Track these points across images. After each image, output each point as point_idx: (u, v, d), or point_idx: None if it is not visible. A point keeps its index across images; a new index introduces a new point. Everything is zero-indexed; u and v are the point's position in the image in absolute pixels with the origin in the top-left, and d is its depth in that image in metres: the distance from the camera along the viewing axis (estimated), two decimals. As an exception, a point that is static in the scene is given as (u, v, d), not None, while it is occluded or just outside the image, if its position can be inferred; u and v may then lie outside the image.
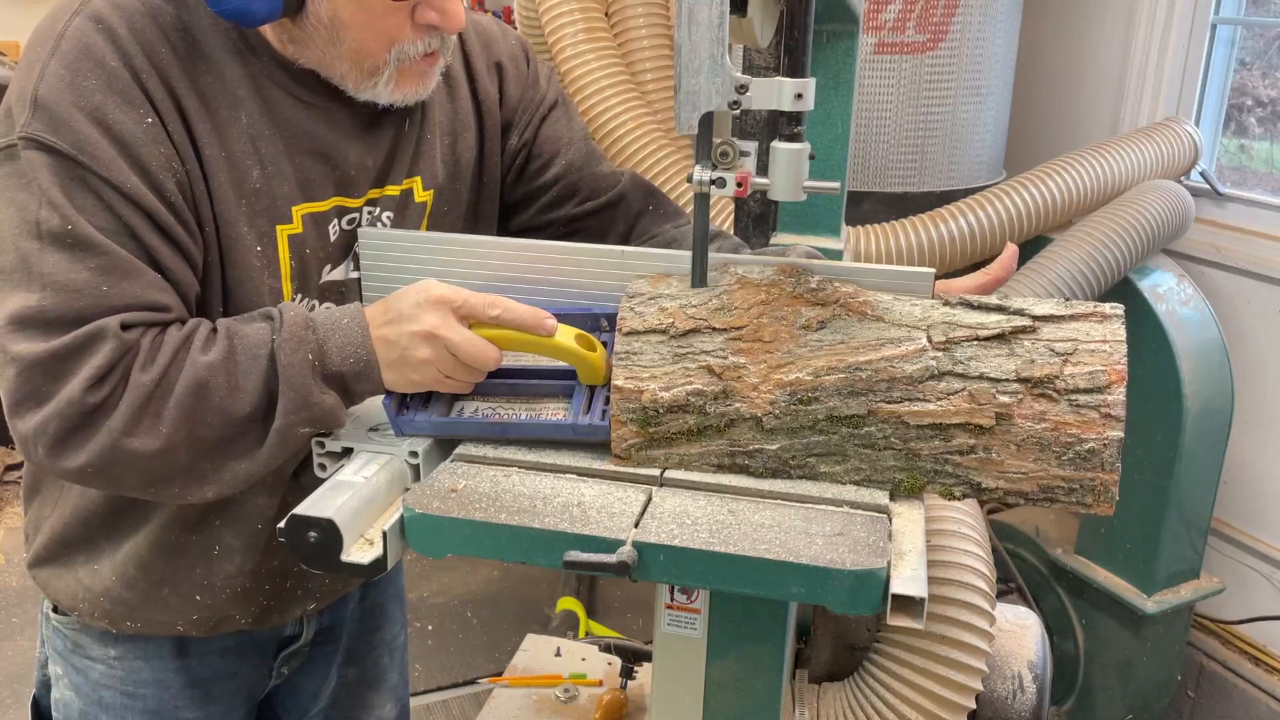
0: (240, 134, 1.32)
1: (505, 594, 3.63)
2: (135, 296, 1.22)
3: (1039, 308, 1.20)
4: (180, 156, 1.27)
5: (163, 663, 1.57)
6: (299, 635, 1.70)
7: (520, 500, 1.19)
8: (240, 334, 1.25)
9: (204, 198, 1.30)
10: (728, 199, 2.35)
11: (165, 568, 1.47)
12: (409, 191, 1.50)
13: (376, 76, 1.34)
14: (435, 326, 1.22)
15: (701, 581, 1.14)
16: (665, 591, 1.37)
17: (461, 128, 1.54)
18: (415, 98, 1.39)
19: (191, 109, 1.28)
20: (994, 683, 1.57)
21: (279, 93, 1.35)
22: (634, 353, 1.23)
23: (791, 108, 1.11)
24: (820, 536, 1.12)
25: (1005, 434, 1.16)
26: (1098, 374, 1.14)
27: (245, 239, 1.34)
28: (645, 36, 2.91)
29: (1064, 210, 2.83)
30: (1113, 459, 1.14)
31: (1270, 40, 3.11)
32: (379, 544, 1.16)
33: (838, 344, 1.20)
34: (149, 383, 1.19)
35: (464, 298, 1.24)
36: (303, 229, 1.39)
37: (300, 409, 1.23)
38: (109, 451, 1.19)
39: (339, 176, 1.41)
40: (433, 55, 1.36)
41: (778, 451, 1.21)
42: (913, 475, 1.20)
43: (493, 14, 5.13)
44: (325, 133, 1.39)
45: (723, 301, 1.24)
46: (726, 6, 1.07)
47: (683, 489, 1.23)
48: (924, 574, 1.08)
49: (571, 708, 1.96)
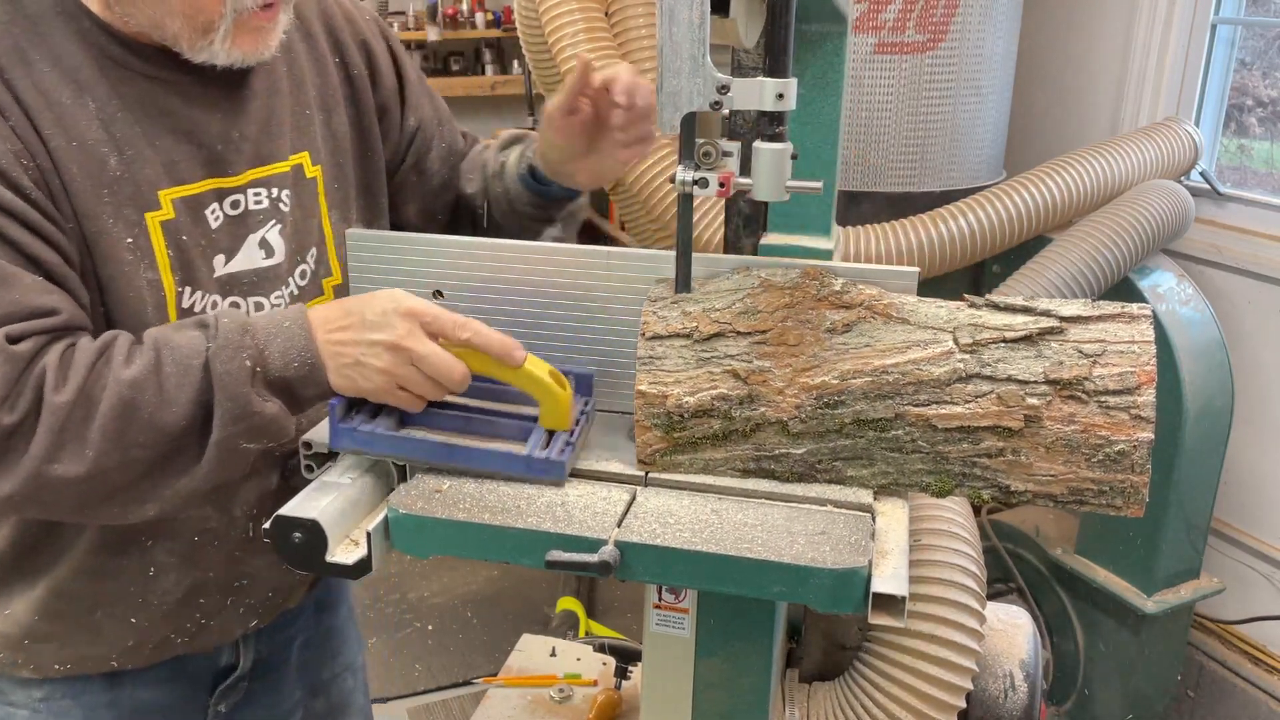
0: (90, 121, 1.25)
1: (505, 594, 3.63)
2: (15, 304, 1.15)
3: (1066, 309, 1.18)
4: (30, 152, 1.20)
5: (93, 697, 1.48)
6: (236, 665, 1.60)
7: (504, 500, 1.19)
8: (170, 344, 1.18)
9: (60, 192, 1.23)
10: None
11: (97, 592, 1.40)
12: (299, 168, 1.43)
13: (212, 33, 1.26)
14: (402, 337, 1.17)
15: (684, 581, 1.14)
16: (654, 591, 1.37)
17: (334, 103, 1.49)
18: (256, 57, 1.32)
19: (31, 103, 1.22)
20: (985, 682, 1.57)
21: (126, 72, 1.28)
22: (657, 357, 1.23)
23: (773, 108, 1.11)
24: (803, 535, 1.12)
25: (1034, 436, 1.15)
26: (1127, 375, 1.13)
27: (112, 231, 1.26)
28: (645, 36, 2.91)
29: (1064, 210, 2.83)
30: (1143, 460, 1.13)
31: (1270, 40, 3.11)
32: (363, 544, 1.16)
33: (864, 347, 1.19)
34: (65, 404, 1.13)
35: (435, 313, 1.19)
36: (175, 215, 1.31)
37: (239, 419, 1.17)
38: (34, 479, 1.13)
39: (207, 155, 1.34)
40: (270, 8, 1.29)
41: (804, 456, 1.21)
42: (941, 478, 1.20)
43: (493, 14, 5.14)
44: (181, 108, 1.32)
45: (747, 305, 1.23)
46: (707, 7, 1.07)
47: (667, 489, 1.24)
48: (905, 572, 1.08)
49: (566, 708, 1.96)
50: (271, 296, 1.41)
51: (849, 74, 1.47)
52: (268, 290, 1.40)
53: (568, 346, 1.40)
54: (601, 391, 1.40)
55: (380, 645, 3.36)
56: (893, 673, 1.49)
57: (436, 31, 4.93)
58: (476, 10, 5.05)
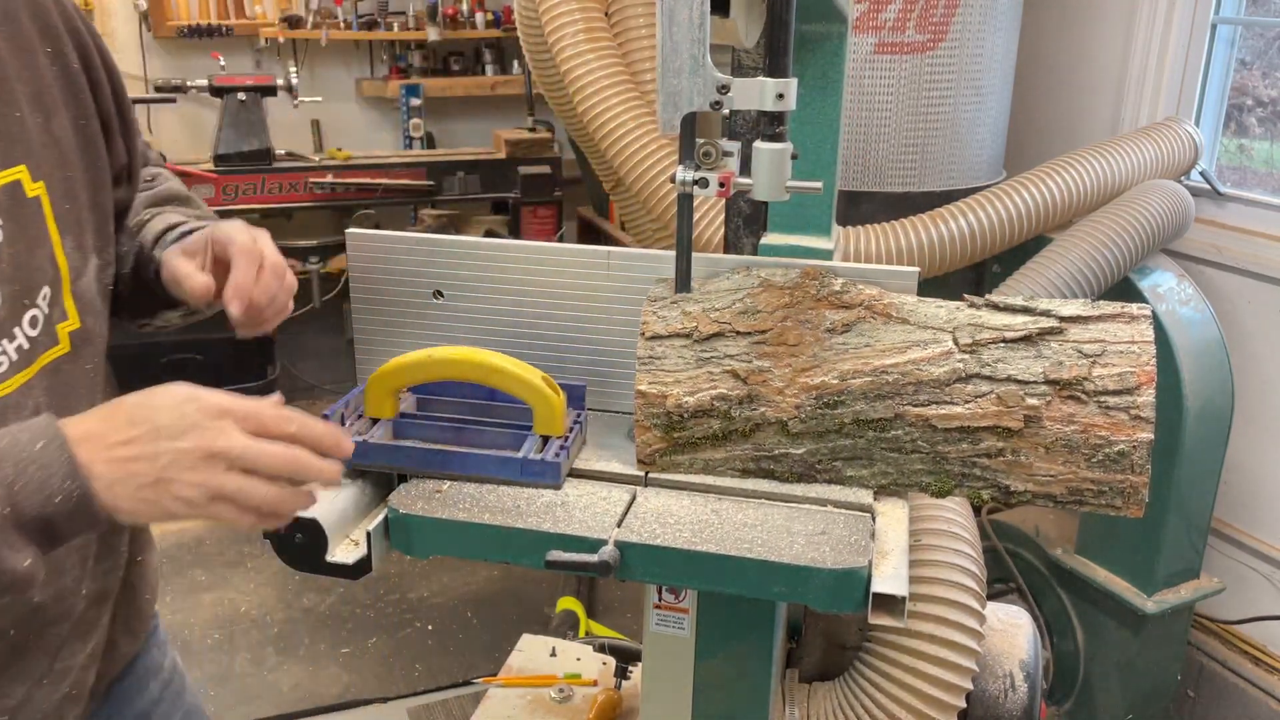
0: None
1: (505, 594, 3.63)
2: None
3: (1066, 309, 1.19)
4: None
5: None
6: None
7: (504, 500, 1.19)
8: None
9: None
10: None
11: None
12: (15, 185, 1.10)
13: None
14: (214, 439, 0.95)
15: (684, 581, 1.14)
16: (654, 591, 1.37)
17: (52, 103, 1.16)
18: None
19: None
20: (985, 682, 1.57)
21: None
22: (657, 357, 1.23)
23: (773, 108, 1.11)
24: (802, 535, 1.12)
25: (1034, 436, 1.15)
26: (1126, 375, 1.13)
27: None
28: (645, 36, 2.91)
29: (1064, 210, 2.82)
30: (1143, 461, 1.13)
31: (1270, 40, 3.10)
32: (363, 544, 1.17)
33: (863, 347, 1.19)
34: None
35: (249, 408, 0.98)
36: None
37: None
38: None
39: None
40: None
41: (804, 455, 1.21)
42: (940, 478, 1.20)
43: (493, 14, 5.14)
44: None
45: (747, 305, 1.23)
46: (707, 7, 1.07)
47: (667, 489, 1.24)
48: (905, 572, 1.08)
49: (566, 708, 1.96)
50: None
51: (849, 74, 1.47)
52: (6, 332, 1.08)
53: (568, 346, 1.40)
54: (601, 392, 1.40)
55: (380, 645, 3.36)
56: (893, 673, 1.49)
57: (436, 31, 4.92)
58: (476, 10, 5.04)
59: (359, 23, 4.95)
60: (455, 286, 1.41)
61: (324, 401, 4.97)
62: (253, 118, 4.28)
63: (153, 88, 4.53)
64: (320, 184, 4.36)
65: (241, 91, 4.26)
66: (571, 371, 1.41)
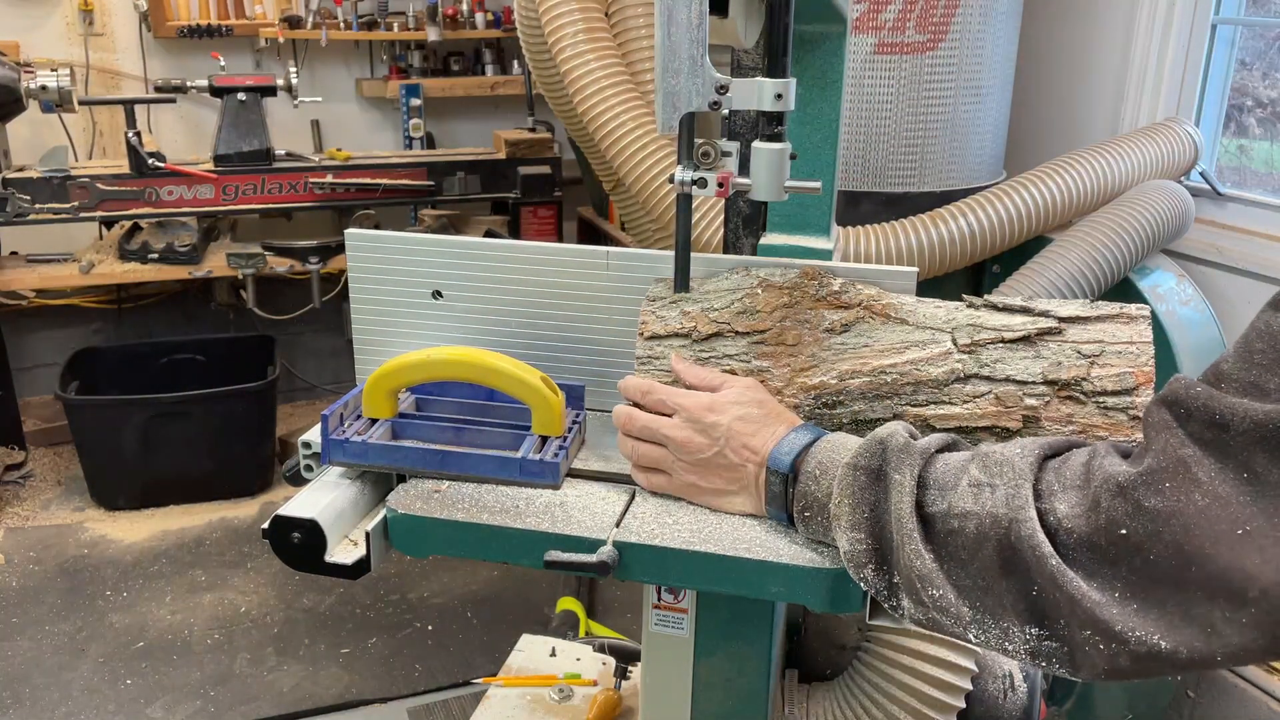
0: None
1: (505, 594, 3.63)
2: None
3: (1064, 309, 1.19)
4: None
5: None
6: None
7: (503, 500, 1.19)
8: None
9: None
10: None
11: None
12: None
13: None
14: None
15: (682, 581, 1.14)
16: (653, 591, 1.37)
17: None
18: None
19: None
20: (984, 682, 1.57)
21: None
22: (656, 357, 1.23)
23: (772, 108, 1.11)
24: (801, 536, 1.12)
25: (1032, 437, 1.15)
26: (1125, 376, 1.13)
27: None
28: (645, 36, 2.91)
29: (1064, 210, 2.82)
30: None
31: (1270, 40, 3.10)
32: (362, 545, 1.17)
33: (862, 347, 1.19)
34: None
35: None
36: None
37: None
38: None
39: None
40: None
41: None
42: None
43: (493, 15, 5.14)
44: None
45: (745, 305, 1.23)
46: (705, 7, 1.07)
47: (666, 489, 1.23)
48: (904, 574, 1.08)
49: (566, 708, 1.96)
50: None
51: (849, 74, 1.47)
52: None
53: (566, 346, 1.40)
54: (600, 392, 1.40)
55: (380, 645, 3.36)
56: (892, 673, 1.49)
57: (436, 31, 4.92)
58: (476, 10, 5.04)
59: (359, 23, 4.95)
60: (455, 287, 1.41)
61: (323, 401, 4.97)
62: (252, 118, 4.27)
63: (153, 88, 4.52)
64: (320, 184, 4.36)
65: (241, 92, 4.25)
66: (570, 371, 1.41)
